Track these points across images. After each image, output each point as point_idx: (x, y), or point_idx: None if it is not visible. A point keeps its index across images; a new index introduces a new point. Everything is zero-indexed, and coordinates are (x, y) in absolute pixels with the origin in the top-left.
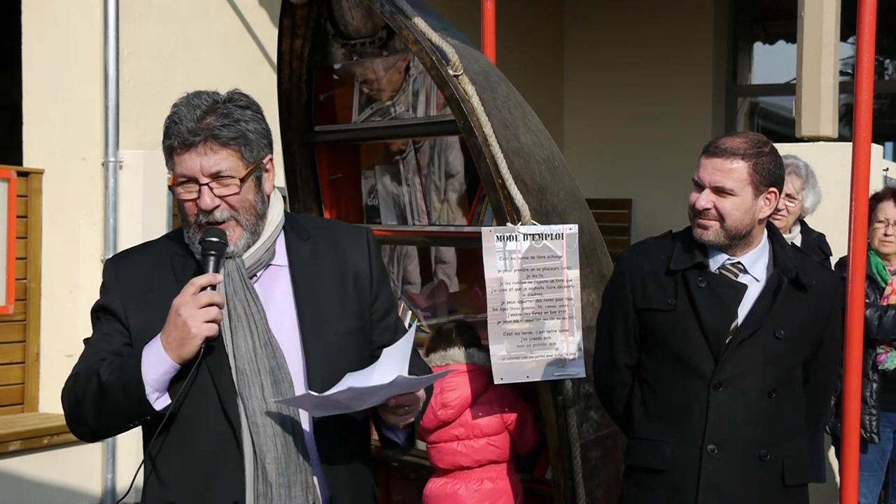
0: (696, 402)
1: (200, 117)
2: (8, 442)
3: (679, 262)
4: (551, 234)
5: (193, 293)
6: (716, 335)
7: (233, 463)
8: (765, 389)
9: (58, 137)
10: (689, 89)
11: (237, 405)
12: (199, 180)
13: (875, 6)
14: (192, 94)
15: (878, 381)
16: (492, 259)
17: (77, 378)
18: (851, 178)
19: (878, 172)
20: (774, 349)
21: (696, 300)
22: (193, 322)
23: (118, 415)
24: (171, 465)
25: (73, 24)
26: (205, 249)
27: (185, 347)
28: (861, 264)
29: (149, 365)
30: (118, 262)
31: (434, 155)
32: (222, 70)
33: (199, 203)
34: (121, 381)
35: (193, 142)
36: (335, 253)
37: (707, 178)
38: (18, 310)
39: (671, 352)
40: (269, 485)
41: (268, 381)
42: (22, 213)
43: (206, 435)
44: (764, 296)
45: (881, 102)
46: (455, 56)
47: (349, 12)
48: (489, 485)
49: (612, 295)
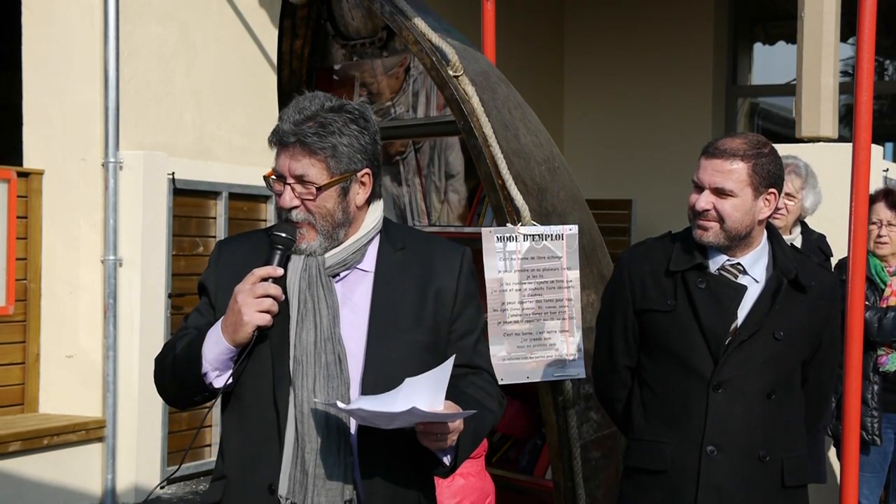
0: (695, 403)
1: (300, 121)
2: (8, 442)
3: (679, 263)
4: (551, 234)
5: (253, 282)
6: (715, 336)
7: (274, 448)
8: (764, 390)
9: (58, 138)
10: (689, 90)
11: (288, 393)
12: (286, 179)
13: (875, 7)
14: (310, 95)
15: (878, 383)
16: (492, 260)
17: (165, 347)
18: (851, 178)
19: (878, 173)
20: (773, 350)
21: (695, 301)
22: (247, 310)
23: (184, 386)
24: (230, 442)
25: (73, 25)
26: (273, 242)
27: (238, 333)
28: (861, 266)
29: (209, 343)
30: (224, 244)
31: (434, 155)
32: (222, 71)
33: (280, 200)
34: (186, 355)
35: (287, 142)
36: (425, 267)
37: (707, 179)
38: (18, 310)
39: (671, 353)
40: (305, 474)
41: (321, 375)
42: (22, 213)
43: (258, 417)
44: (763, 297)
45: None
46: (455, 57)
47: (349, 13)
48: (461, 481)
49: (611, 296)
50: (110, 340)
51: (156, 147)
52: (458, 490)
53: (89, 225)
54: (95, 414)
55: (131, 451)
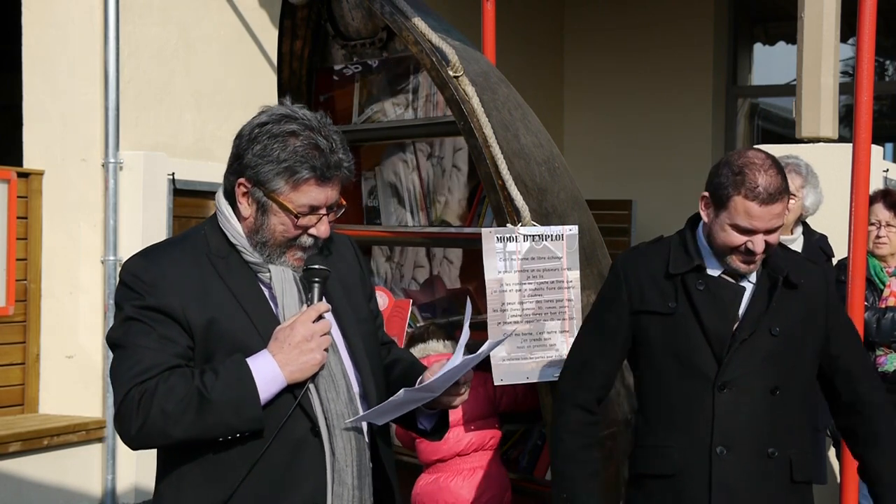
0: (700, 405)
1: (336, 149)
2: (8, 443)
3: (678, 266)
4: (551, 235)
5: (310, 321)
6: (718, 337)
7: (306, 467)
8: (768, 387)
9: (58, 139)
10: (689, 90)
11: (315, 408)
12: (321, 211)
13: (875, 7)
14: (317, 117)
15: None
16: (492, 260)
17: (156, 389)
18: (851, 179)
19: (878, 173)
20: (772, 347)
21: (696, 303)
22: (319, 351)
23: (217, 430)
24: (234, 471)
25: (74, 25)
26: (309, 276)
27: (305, 372)
28: (861, 266)
29: (262, 384)
30: (154, 260)
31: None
32: (222, 71)
33: (318, 231)
34: (232, 398)
35: (331, 176)
36: (338, 258)
37: (764, 226)
38: (18, 311)
39: (672, 355)
40: (343, 486)
41: (342, 385)
42: (22, 214)
43: (282, 440)
44: (759, 295)
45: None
46: (455, 57)
47: (349, 13)
48: (480, 473)
49: (606, 299)
50: None
51: (156, 147)
52: (480, 483)
53: (89, 225)
54: (95, 414)
55: (131, 451)
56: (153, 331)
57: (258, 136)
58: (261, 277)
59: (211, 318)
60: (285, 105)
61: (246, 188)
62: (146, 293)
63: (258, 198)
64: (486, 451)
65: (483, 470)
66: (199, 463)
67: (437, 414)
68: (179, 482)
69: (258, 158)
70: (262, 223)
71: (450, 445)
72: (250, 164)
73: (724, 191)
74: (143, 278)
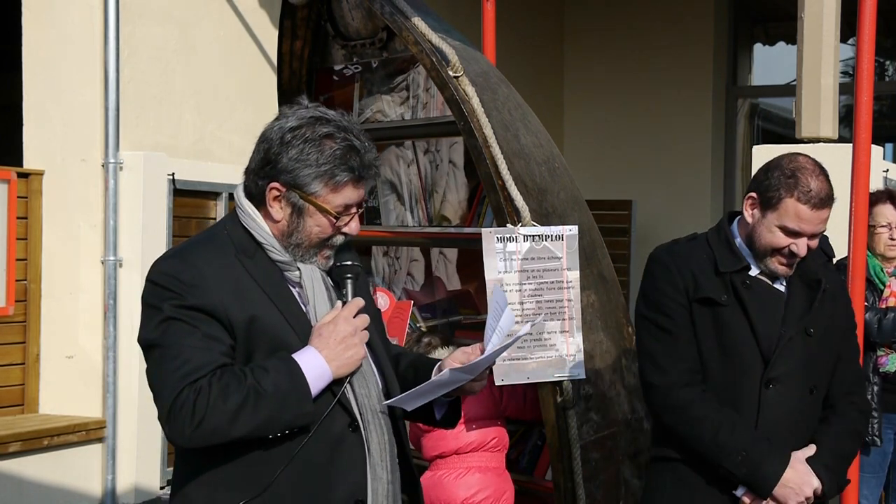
0: (747, 399)
1: (369, 149)
2: (8, 443)
3: (726, 264)
4: (551, 235)
5: (351, 317)
6: (766, 335)
7: (345, 461)
8: (807, 386)
9: (58, 139)
10: (689, 90)
11: (352, 403)
12: (353, 209)
13: (875, 7)
14: (345, 116)
15: (878, 384)
16: (492, 260)
17: (210, 387)
18: (851, 179)
19: (878, 173)
20: (811, 347)
21: (745, 301)
22: (361, 346)
23: (273, 426)
24: (267, 466)
25: (74, 25)
26: (342, 273)
27: (350, 367)
28: (861, 266)
29: (311, 379)
30: (188, 260)
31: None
32: (222, 71)
33: (350, 229)
34: (286, 393)
35: (366, 175)
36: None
37: (811, 229)
38: (18, 311)
39: (722, 347)
40: (379, 480)
41: (373, 382)
42: (22, 214)
43: (319, 436)
44: (797, 297)
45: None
46: (455, 57)
47: (349, 13)
48: (477, 475)
49: (659, 290)
50: (110, 341)
51: (156, 148)
52: (475, 482)
53: (89, 226)
54: (95, 414)
55: (131, 451)
56: (197, 330)
57: (292, 141)
58: (288, 276)
59: (251, 315)
60: (307, 106)
61: (279, 192)
62: (186, 293)
63: (294, 201)
64: (487, 451)
65: (480, 470)
66: (235, 463)
67: (449, 402)
68: (213, 484)
69: (295, 163)
70: (298, 225)
71: (447, 441)
72: (286, 168)
73: (776, 192)
74: (181, 278)
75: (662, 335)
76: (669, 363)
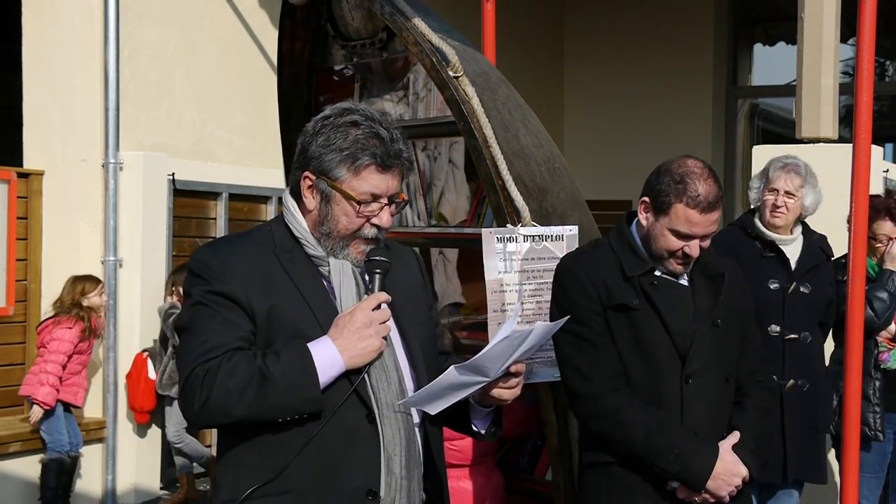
0: (669, 397)
1: (396, 140)
2: (8, 443)
3: (633, 269)
4: (551, 235)
5: (370, 309)
6: (680, 332)
7: (363, 453)
8: (723, 376)
9: (58, 139)
10: (689, 91)
11: (370, 397)
12: (382, 199)
13: (875, 7)
14: (380, 113)
15: (880, 379)
16: (492, 261)
17: (219, 367)
18: (851, 179)
19: (878, 174)
20: (720, 337)
21: (656, 303)
22: (378, 338)
23: (277, 410)
24: (285, 456)
25: (74, 26)
26: (370, 268)
27: (363, 357)
28: (861, 266)
29: (322, 367)
30: (221, 249)
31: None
32: (222, 71)
33: (380, 220)
34: (292, 377)
35: (391, 164)
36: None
37: (701, 231)
38: (18, 311)
39: (640, 350)
40: (392, 474)
41: (394, 377)
42: (22, 214)
43: (335, 427)
44: (700, 291)
45: (881, 104)
46: (455, 57)
47: (349, 14)
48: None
49: (573, 301)
50: (110, 341)
51: (156, 148)
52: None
53: (89, 226)
54: (95, 414)
55: (131, 451)
56: (218, 314)
57: (321, 129)
58: (321, 271)
59: (272, 304)
60: (347, 101)
61: (311, 180)
62: (213, 279)
63: (322, 188)
64: (462, 467)
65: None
66: (255, 448)
67: (490, 413)
68: (236, 468)
69: (321, 149)
70: (326, 213)
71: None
72: (314, 155)
73: (666, 198)
74: (210, 265)
75: (583, 344)
76: (593, 371)
